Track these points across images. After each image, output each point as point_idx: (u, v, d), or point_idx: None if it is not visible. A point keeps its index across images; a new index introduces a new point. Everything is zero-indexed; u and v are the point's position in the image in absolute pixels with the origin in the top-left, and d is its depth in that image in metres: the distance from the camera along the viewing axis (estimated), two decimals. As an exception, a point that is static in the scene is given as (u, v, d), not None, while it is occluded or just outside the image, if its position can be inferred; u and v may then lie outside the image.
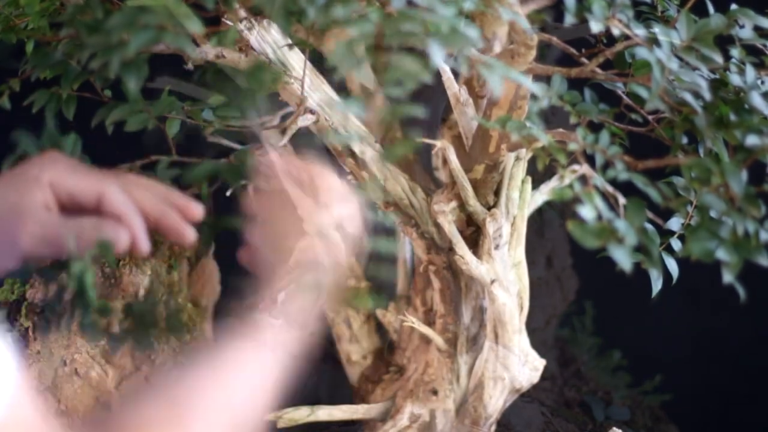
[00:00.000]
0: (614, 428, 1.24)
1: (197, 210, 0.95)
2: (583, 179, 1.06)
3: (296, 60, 1.15)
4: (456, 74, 1.19)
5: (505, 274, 1.21)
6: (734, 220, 0.88)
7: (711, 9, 1.10)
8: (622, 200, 1.13)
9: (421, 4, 0.84)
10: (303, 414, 1.27)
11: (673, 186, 1.11)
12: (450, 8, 0.84)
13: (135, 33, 0.78)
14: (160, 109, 1.08)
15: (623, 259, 0.84)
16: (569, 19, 0.93)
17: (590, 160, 1.02)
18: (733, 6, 1.06)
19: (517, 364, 1.26)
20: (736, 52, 1.03)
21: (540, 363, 1.29)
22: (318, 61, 1.19)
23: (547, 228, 1.89)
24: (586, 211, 0.84)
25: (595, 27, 0.93)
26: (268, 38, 1.13)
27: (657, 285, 1.14)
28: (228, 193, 1.21)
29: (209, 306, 1.51)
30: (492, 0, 0.92)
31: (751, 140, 0.91)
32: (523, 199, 1.23)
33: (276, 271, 0.96)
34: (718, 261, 0.89)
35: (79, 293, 0.91)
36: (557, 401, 1.79)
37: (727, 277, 0.86)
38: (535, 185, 1.27)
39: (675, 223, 1.17)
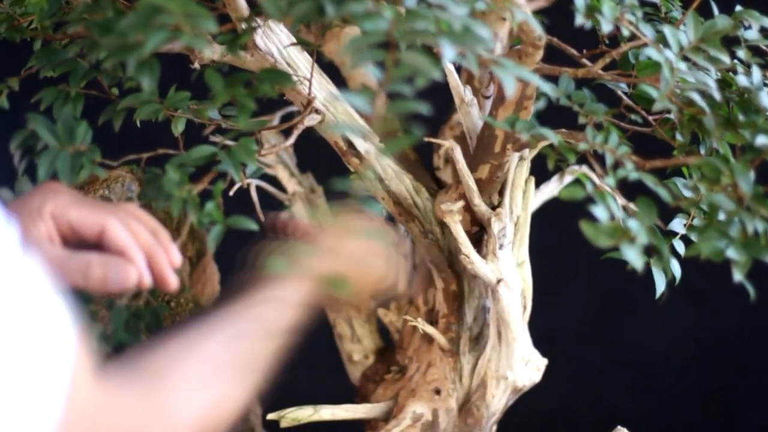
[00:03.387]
0: (618, 427, 1.25)
1: (177, 257, 0.96)
2: (594, 179, 1.06)
3: (301, 59, 1.15)
4: (457, 74, 1.19)
5: (509, 274, 1.21)
6: (743, 220, 0.89)
7: (716, 10, 1.10)
8: (621, 200, 1.14)
9: (433, 3, 0.84)
10: (306, 413, 1.27)
11: (676, 186, 1.12)
12: (462, 7, 0.85)
13: (150, 33, 0.78)
14: (172, 103, 1.08)
15: (635, 258, 0.84)
16: (579, 20, 0.94)
17: (597, 160, 1.02)
18: (738, 7, 1.07)
19: (519, 364, 1.26)
20: (742, 53, 1.04)
21: (542, 362, 1.29)
22: (319, 60, 1.19)
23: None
24: (599, 211, 0.84)
25: (605, 27, 0.93)
26: (273, 38, 1.13)
27: (661, 285, 1.15)
28: (231, 193, 1.21)
29: (209, 306, 1.51)
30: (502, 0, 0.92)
31: (761, 140, 0.92)
32: (526, 199, 1.23)
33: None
34: (719, 263, 0.90)
35: None
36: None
37: (738, 276, 0.87)
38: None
39: (678, 224, 1.18)
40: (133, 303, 1.11)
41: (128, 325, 1.12)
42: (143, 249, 0.94)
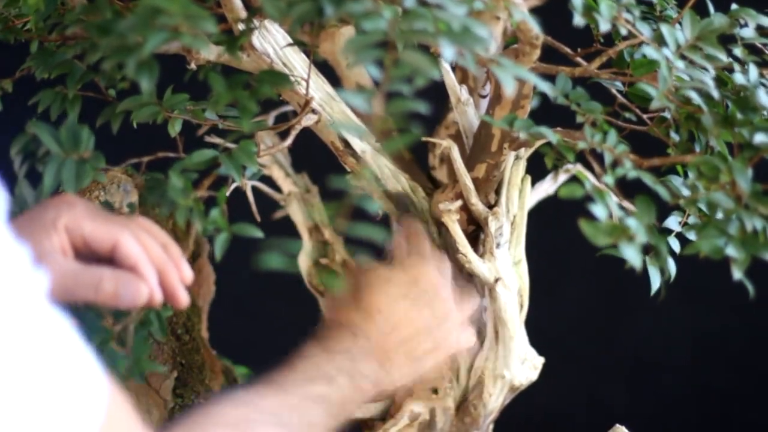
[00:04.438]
0: (617, 425, 1.25)
1: (189, 274, 0.96)
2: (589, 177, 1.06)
3: (297, 60, 1.15)
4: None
5: (506, 273, 1.22)
6: (742, 217, 0.89)
7: (711, 9, 1.11)
8: (616, 199, 1.15)
9: (432, 2, 0.84)
10: (304, 414, 1.27)
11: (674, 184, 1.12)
12: (461, 6, 0.85)
13: (150, 34, 0.78)
14: (170, 104, 1.08)
15: (634, 257, 0.84)
16: (577, 20, 0.94)
17: (595, 158, 1.02)
18: (734, 6, 1.08)
19: (516, 363, 1.26)
20: (738, 51, 1.04)
21: (539, 361, 1.29)
22: (314, 59, 1.19)
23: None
24: (598, 209, 0.85)
25: (603, 27, 0.94)
26: (269, 38, 1.13)
27: (656, 282, 1.15)
28: (228, 193, 1.21)
29: (205, 307, 1.51)
30: (500, -1, 0.93)
31: (759, 138, 0.92)
32: (522, 198, 1.24)
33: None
34: (716, 261, 0.90)
35: None
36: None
37: (737, 273, 0.87)
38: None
39: (673, 222, 1.18)
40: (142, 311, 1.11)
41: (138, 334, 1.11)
42: (155, 264, 0.94)
